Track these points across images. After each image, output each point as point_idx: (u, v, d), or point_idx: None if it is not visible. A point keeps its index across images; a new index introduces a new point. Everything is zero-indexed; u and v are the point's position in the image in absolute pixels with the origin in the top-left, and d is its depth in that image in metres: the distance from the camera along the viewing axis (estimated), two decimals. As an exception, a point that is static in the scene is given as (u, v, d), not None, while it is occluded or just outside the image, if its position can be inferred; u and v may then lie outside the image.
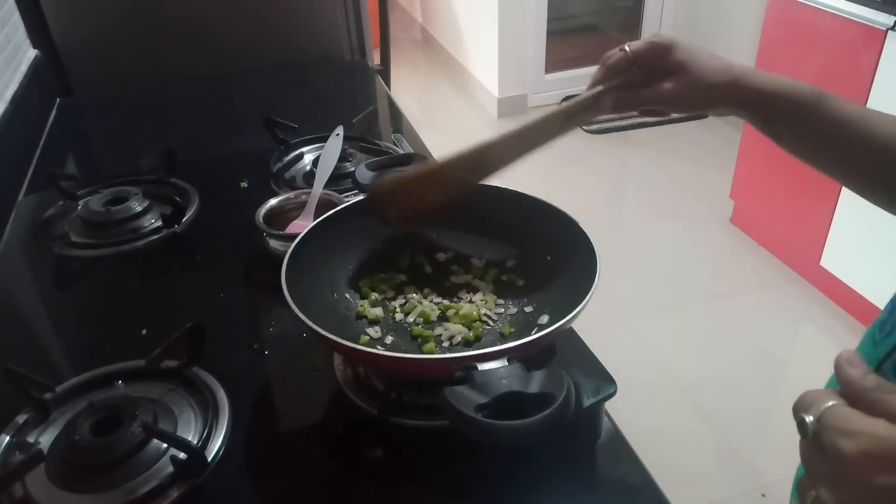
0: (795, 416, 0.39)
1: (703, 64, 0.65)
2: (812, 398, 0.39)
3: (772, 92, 0.64)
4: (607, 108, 0.69)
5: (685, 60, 0.65)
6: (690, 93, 0.65)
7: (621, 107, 0.69)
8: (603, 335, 2.21)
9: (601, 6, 4.61)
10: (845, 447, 0.36)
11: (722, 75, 0.64)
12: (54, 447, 0.68)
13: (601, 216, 2.91)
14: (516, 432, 0.53)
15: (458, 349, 0.76)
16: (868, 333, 0.63)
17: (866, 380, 0.38)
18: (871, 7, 1.93)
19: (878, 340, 0.60)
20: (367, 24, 1.86)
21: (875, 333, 0.61)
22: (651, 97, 0.67)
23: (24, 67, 1.51)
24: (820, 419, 0.38)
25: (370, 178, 0.97)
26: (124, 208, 1.09)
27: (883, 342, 0.59)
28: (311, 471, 0.69)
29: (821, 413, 0.38)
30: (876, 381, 0.38)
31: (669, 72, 0.65)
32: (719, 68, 0.65)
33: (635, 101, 0.68)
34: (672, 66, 0.65)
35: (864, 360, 0.40)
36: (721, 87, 0.64)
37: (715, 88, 0.65)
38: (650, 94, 0.67)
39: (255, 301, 0.95)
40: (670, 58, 0.65)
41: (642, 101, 0.68)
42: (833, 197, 2.16)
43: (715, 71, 0.64)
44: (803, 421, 0.38)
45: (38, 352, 0.89)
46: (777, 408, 2.02)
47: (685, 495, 1.68)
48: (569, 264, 0.78)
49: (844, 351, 0.40)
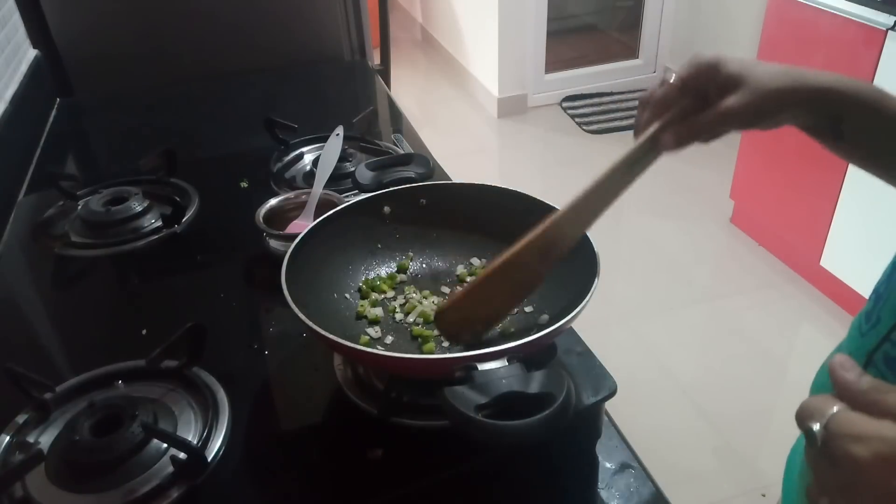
0: (801, 426, 0.39)
1: (759, 71, 0.59)
2: (815, 406, 0.39)
3: (839, 89, 0.59)
4: (669, 145, 0.62)
5: (739, 72, 0.59)
6: (757, 103, 0.58)
7: (684, 140, 0.62)
8: (603, 335, 2.21)
9: (601, 6, 4.61)
10: (858, 453, 0.36)
11: (782, 78, 0.59)
12: (54, 447, 0.68)
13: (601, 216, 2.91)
14: (516, 432, 0.53)
15: (457, 349, 0.76)
16: (854, 325, 0.63)
17: (861, 382, 0.38)
18: (871, 7, 1.93)
19: (866, 331, 0.60)
20: (367, 24, 1.86)
21: (862, 324, 0.61)
22: (716, 119, 0.59)
23: (24, 67, 1.51)
24: (827, 427, 0.38)
25: (370, 178, 0.97)
26: (124, 208, 1.09)
27: (870, 333, 0.59)
28: (311, 471, 0.69)
29: (827, 421, 0.38)
30: (870, 383, 0.38)
31: (725, 89, 0.59)
32: (776, 72, 0.59)
33: (698, 130, 0.61)
34: (727, 81, 0.59)
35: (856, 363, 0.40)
36: (789, 91, 0.59)
37: (783, 93, 0.59)
38: (715, 117, 0.59)
39: (255, 301, 0.95)
40: (722, 73, 0.59)
41: (707, 126, 0.60)
42: (833, 197, 2.16)
43: (773, 75, 0.59)
44: (811, 430, 0.38)
45: (38, 352, 0.89)
46: (777, 408, 2.02)
47: (685, 495, 1.68)
48: (569, 264, 0.78)
49: (837, 355, 0.41)
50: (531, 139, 3.59)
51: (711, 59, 0.60)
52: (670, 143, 0.62)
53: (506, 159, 3.53)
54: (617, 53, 4.05)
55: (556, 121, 3.69)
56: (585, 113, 3.70)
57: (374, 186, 0.95)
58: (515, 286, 0.74)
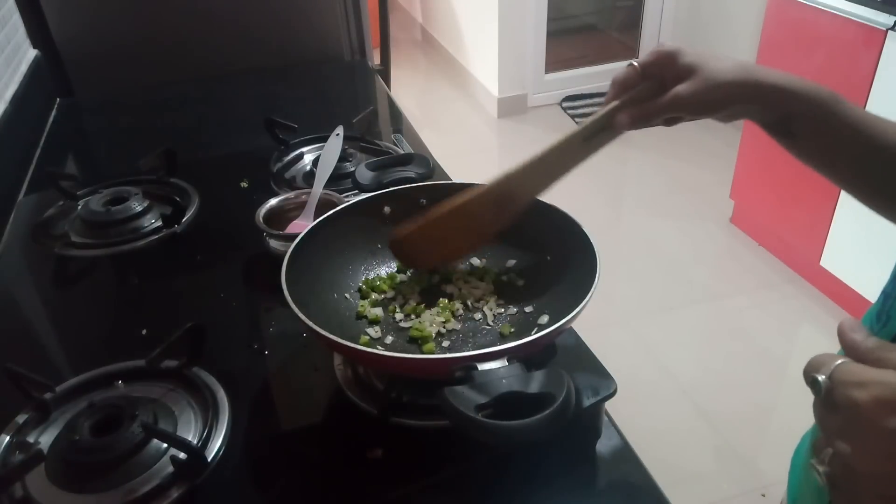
0: (807, 378, 0.41)
1: (713, 64, 0.63)
2: (822, 359, 0.41)
3: (789, 88, 0.62)
4: (624, 124, 0.67)
5: (694, 62, 0.63)
6: (706, 93, 0.63)
7: (638, 121, 0.67)
8: (603, 335, 2.21)
9: (601, 6, 4.61)
10: (858, 396, 0.38)
11: (735, 71, 0.63)
12: (54, 447, 0.68)
13: (601, 216, 2.91)
14: (516, 432, 0.53)
15: (458, 349, 0.77)
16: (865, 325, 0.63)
17: (868, 342, 0.40)
18: (871, 7, 1.93)
19: (877, 330, 0.61)
20: (367, 24, 1.86)
21: (872, 324, 0.62)
22: (666, 105, 0.65)
23: (24, 67, 1.51)
24: (831, 376, 0.40)
25: (370, 178, 0.97)
26: (124, 208, 1.09)
27: (881, 332, 0.60)
28: (311, 471, 0.69)
29: (831, 371, 0.40)
30: (876, 342, 0.40)
31: (680, 77, 0.64)
32: (731, 66, 0.63)
33: (651, 112, 0.66)
34: (682, 70, 0.64)
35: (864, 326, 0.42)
36: (737, 84, 0.62)
37: (731, 86, 0.62)
38: (665, 102, 0.65)
39: (255, 301, 0.95)
40: (679, 63, 0.64)
41: (658, 110, 0.66)
42: (833, 197, 2.16)
43: (727, 69, 0.63)
44: (815, 380, 0.40)
45: (38, 352, 0.89)
46: (777, 407, 2.03)
47: (685, 495, 1.68)
48: (569, 264, 0.78)
49: (846, 318, 0.43)
50: (531, 139, 3.59)
51: (672, 48, 0.65)
52: (625, 123, 0.67)
53: (506, 159, 3.53)
54: (617, 53, 4.06)
55: (556, 121, 3.69)
56: (585, 113, 3.70)
57: (374, 186, 0.95)
58: (468, 232, 0.80)
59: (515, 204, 0.77)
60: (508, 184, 0.76)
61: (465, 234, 0.82)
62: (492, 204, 0.77)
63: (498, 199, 0.77)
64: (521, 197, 0.77)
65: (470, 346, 0.77)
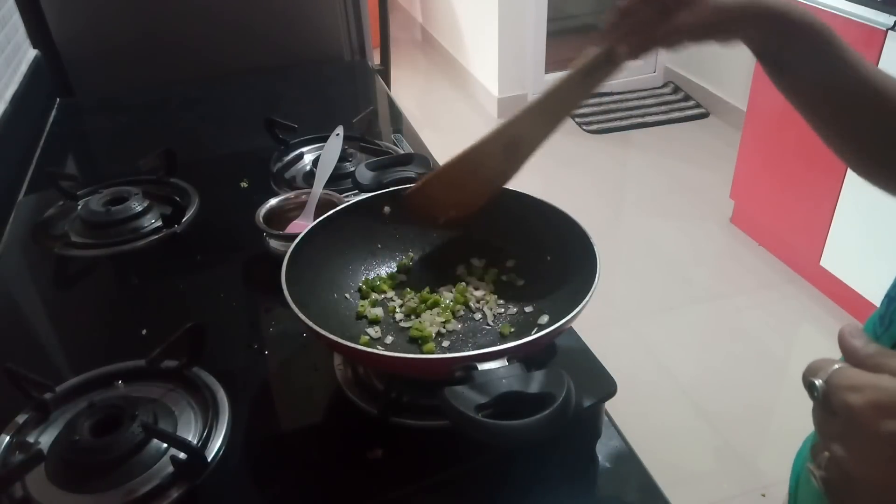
0: (805, 382, 0.41)
1: None
2: (819, 364, 0.41)
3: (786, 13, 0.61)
4: (624, 55, 0.66)
5: None
6: (710, 17, 0.61)
7: (638, 50, 0.65)
8: (603, 335, 2.21)
9: (601, 6, 4.60)
10: (853, 400, 0.38)
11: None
12: (54, 447, 0.68)
13: (601, 216, 2.91)
14: (516, 432, 0.53)
15: (458, 349, 0.77)
16: (867, 328, 0.63)
17: (868, 347, 0.40)
18: (871, 7, 1.93)
19: (880, 334, 0.60)
20: (367, 24, 1.86)
21: (876, 328, 0.61)
22: (668, 32, 0.63)
23: (24, 67, 1.51)
24: (828, 380, 0.40)
25: (370, 178, 0.97)
26: (124, 208, 1.09)
27: (884, 335, 0.60)
28: (311, 471, 0.69)
29: (828, 375, 0.40)
30: (876, 349, 0.40)
31: (682, 2, 0.62)
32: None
33: (652, 40, 0.64)
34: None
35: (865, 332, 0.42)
36: (738, 8, 0.62)
37: (732, 10, 0.62)
38: (667, 30, 0.63)
39: (255, 301, 0.95)
40: None
41: (659, 38, 0.64)
42: (833, 197, 2.16)
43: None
44: (812, 384, 0.40)
45: (38, 352, 0.89)
46: (777, 408, 2.03)
47: (685, 495, 1.68)
48: (569, 264, 0.78)
49: (847, 324, 0.43)
50: (531, 139, 3.59)
51: None
52: (625, 53, 0.66)
53: (506, 159, 3.53)
54: (617, 53, 4.05)
55: (556, 121, 3.69)
56: (585, 113, 3.70)
57: (374, 186, 0.95)
58: (483, 177, 0.80)
59: (523, 149, 0.77)
60: (514, 128, 0.75)
61: (477, 184, 0.81)
62: (500, 151, 0.77)
63: (506, 146, 0.76)
64: (528, 142, 0.76)
65: (470, 346, 0.77)
